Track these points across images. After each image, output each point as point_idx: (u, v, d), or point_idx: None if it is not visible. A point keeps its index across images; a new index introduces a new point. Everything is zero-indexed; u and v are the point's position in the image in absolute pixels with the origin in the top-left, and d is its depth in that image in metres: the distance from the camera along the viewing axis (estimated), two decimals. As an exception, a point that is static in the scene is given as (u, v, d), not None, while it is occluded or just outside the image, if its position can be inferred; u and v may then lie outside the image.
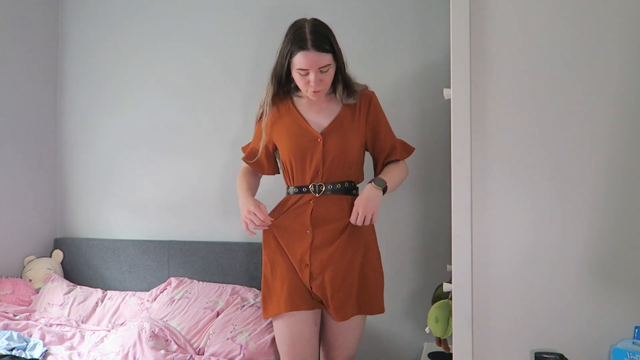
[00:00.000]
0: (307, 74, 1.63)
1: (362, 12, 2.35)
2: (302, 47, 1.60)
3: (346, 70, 1.74)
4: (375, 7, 2.33)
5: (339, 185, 1.71)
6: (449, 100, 1.39)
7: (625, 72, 1.30)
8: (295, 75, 1.66)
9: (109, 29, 2.74)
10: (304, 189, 1.71)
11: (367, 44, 2.33)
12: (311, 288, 1.67)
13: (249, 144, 1.89)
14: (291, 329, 1.67)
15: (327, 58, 1.62)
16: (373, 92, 1.79)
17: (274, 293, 1.70)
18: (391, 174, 1.75)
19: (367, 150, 1.83)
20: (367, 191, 1.67)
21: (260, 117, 1.79)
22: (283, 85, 1.75)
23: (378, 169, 1.81)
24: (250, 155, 1.85)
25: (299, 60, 1.61)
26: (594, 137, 1.31)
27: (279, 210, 1.76)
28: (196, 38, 2.59)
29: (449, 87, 1.39)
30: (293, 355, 1.67)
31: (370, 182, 1.69)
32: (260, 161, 1.83)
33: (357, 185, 1.79)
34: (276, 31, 2.45)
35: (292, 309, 1.65)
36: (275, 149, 1.81)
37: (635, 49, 1.29)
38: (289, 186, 1.78)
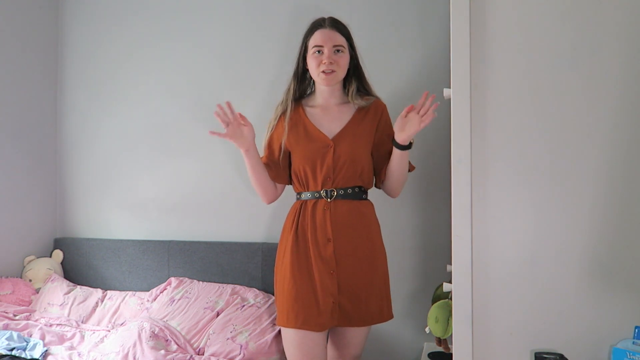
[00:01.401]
0: (322, 52, 1.68)
1: (362, 12, 2.35)
2: (319, 25, 1.73)
3: (363, 72, 1.80)
4: (375, 7, 2.33)
5: (349, 190, 1.72)
6: (449, 100, 1.39)
7: (626, 72, 1.30)
8: (310, 59, 1.71)
9: (108, 30, 2.74)
10: (317, 194, 1.72)
11: (367, 44, 2.32)
12: (338, 296, 1.66)
13: (262, 158, 1.85)
14: (300, 346, 1.66)
15: (341, 39, 1.71)
16: (385, 105, 1.82)
17: (294, 302, 1.67)
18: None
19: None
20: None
21: (282, 114, 1.79)
22: (300, 83, 1.79)
23: (381, 176, 1.80)
24: (269, 166, 1.82)
25: (315, 37, 1.71)
26: (594, 136, 1.31)
27: (300, 217, 1.73)
28: (196, 38, 2.59)
29: (449, 87, 1.39)
30: None
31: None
32: (278, 171, 1.81)
33: (367, 190, 1.80)
34: (276, 30, 2.47)
35: (303, 327, 1.64)
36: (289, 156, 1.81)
37: (635, 49, 1.29)
38: (301, 192, 1.77)
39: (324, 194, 1.71)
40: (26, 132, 2.66)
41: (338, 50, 1.70)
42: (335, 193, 1.71)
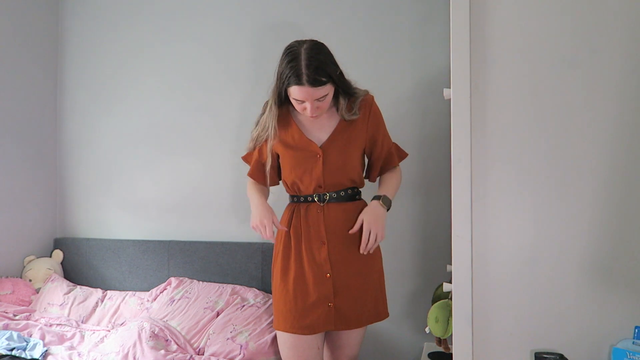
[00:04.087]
0: (304, 102, 1.60)
1: (363, 12, 2.35)
2: (298, 82, 1.55)
3: (350, 86, 1.70)
4: (376, 7, 2.33)
5: (342, 193, 1.71)
6: (449, 100, 1.39)
7: (626, 72, 1.30)
8: (292, 100, 1.63)
9: (109, 29, 2.74)
10: (309, 198, 1.71)
11: (367, 44, 2.34)
12: (333, 297, 1.66)
13: (250, 155, 1.82)
14: (293, 349, 1.66)
15: (323, 90, 1.57)
16: (372, 98, 1.75)
17: (282, 306, 1.68)
18: (392, 187, 1.76)
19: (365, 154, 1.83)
20: (374, 209, 1.67)
21: (265, 140, 1.73)
22: (283, 102, 1.71)
23: (374, 173, 1.81)
24: (256, 172, 1.82)
25: (295, 92, 1.57)
26: (594, 136, 1.31)
27: (293, 221, 1.73)
28: (196, 38, 2.59)
29: (449, 87, 1.39)
30: None
31: (376, 198, 1.70)
32: (271, 175, 1.79)
33: (360, 190, 1.79)
34: (276, 31, 2.47)
35: (298, 332, 1.64)
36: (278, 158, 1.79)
37: (636, 49, 1.29)
38: (292, 195, 1.77)
39: (317, 198, 1.70)
40: (26, 132, 2.66)
41: (320, 100, 1.60)
42: (328, 197, 1.70)
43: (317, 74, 1.54)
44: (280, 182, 1.85)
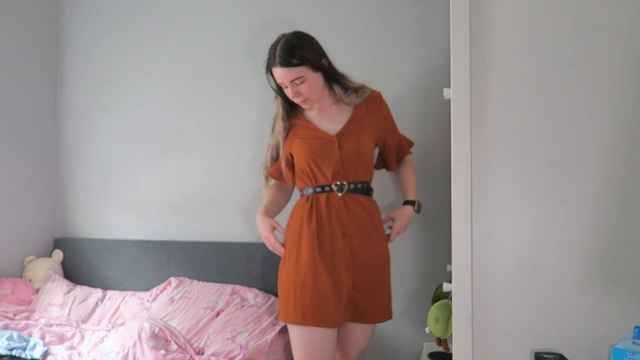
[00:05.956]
0: (287, 87, 1.68)
1: (363, 12, 2.35)
2: (272, 64, 1.67)
3: (341, 73, 1.77)
4: (375, 6, 2.33)
5: (359, 185, 1.72)
6: (449, 100, 1.39)
7: (626, 72, 1.30)
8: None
9: (109, 29, 2.74)
10: (327, 188, 1.70)
11: (367, 43, 2.33)
12: (352, 291, 1.66)
13: (268, 161, 1.85)
14: (311, 344, 1.64)
15: (295, 72, 1.64)
16: (380, 93, 1.82)
17: (301, 299, 1.64)
18: (415, 186, 1.87)
19: (377, 146, 1.86)
20: (408, 214, 1.80)
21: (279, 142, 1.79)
22: (285, 99, 1.78)
23: (392, 162, 1.87)
24: (274, 171, 1.84)
25: (275, 75, 1.69)
26: (594, 136, 1.31)
27: (314, 211, 1.70)
28: (196, 38, 2.59)
29: (449, 87, 1.39)
30: None
31: (412, 204, 1.80)
32: (286, 173, 1.81)
33: (372, 186, 1.80)
34: (277, 31, 2.46)
35: (316, 324, 1.62)
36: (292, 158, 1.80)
37: (636, 49, 1.29)
38: (309, 186, 1.74)
39: (335, 187, 1.69)
40: (26, 132, 2.67)
41: (297, 83, 1.66)
42: (347, 187, 1.70)
43: (288, 55, 1.63)
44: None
